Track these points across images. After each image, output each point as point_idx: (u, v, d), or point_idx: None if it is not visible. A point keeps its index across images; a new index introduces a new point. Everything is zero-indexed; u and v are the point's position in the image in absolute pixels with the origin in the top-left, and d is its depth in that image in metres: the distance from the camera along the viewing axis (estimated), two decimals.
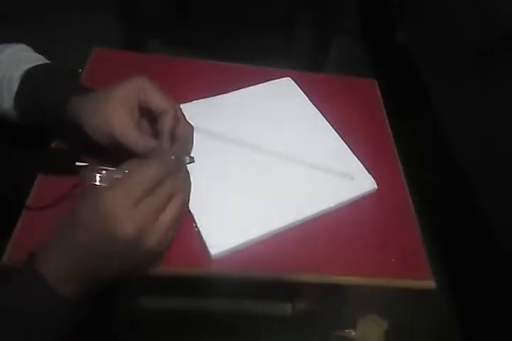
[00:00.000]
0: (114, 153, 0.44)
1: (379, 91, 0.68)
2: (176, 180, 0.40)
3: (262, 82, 0.64)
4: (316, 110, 0.61)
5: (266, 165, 0.53)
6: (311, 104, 0.61)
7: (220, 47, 0.71)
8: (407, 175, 0.58)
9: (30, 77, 0.48)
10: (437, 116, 1.11)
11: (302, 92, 0.63)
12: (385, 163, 0.58)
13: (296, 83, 0.64)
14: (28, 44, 0.55)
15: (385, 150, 0.60)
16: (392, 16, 1.40)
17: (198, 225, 0.47)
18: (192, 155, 0.51)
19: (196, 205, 0.48)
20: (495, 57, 0.97)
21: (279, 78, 0.65)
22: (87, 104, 0.45)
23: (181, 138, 0.46)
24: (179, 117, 0.47)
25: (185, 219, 0.47)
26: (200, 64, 0.66)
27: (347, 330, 0.79)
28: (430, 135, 1.14)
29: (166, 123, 0.45)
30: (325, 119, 0.60)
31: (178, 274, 0.45)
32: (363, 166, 0.55)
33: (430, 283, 0.48)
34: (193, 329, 0.68)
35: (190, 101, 0.59)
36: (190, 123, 0.48)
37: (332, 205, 0.51)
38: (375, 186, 0.53)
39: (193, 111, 0.57)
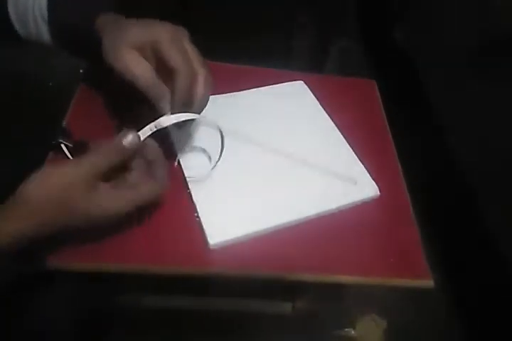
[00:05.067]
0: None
1: (378, 92, 0.69)
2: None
3: (270, 84, 0.64)
4: (326, 114, 0.61)
5: (272, 163, 0.54)
6: (321, 107, 0.62)
7: (219, 47, 0.71)
8: (406, 175, 0.58)
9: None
10: (437, 117, 1.11)
11: (313, 96, 0.63)
12: (385, 164, 0.59)
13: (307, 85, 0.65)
14: (27, 46, 0.55)
15: (385, 152, 0.61)
16: (391, 17, 1.40)
17: (200, 215, 0.47)
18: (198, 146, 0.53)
19: (200, 195, 0.49)
20: (495, 57, 0.97)
21: (278, 79, 0.65)
22: (109, 29, 0.45)
23: (194, 105, 0.46)
24: (195, 80, 0.45)
25: (186, 209, 0.48)
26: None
27: (346, 329, 0.79)
28: (430, 136, 1.14)
29: (177, 85, 0.44)
30: (333, 123, 0.60)
31: (176, 272, 0.45)
32: (366, 171, 0.55)
33: (429, 282, 0.48)
34: (191, 329, 0.68)
35: None
36: (207, 88, 0.46)
37: (333, 207, 0.51)
38: (378, 192, 0.54)
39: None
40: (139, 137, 0.43)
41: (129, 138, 0.42)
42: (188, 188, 0.50)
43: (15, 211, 0.38)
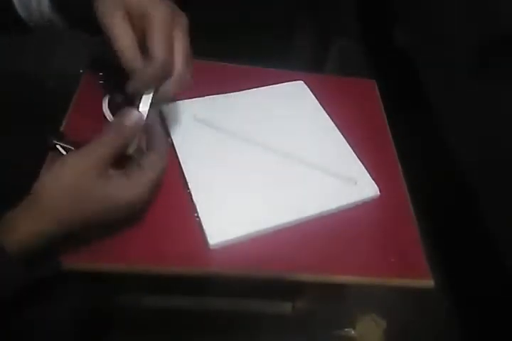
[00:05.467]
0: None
1: (378, 92, 0.69)
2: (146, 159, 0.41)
3: (270, 84, 0.64)
4: (326, 114, 0.61)
5: (272, 163, 0.54)
6: (321, 107, 0.62)
7: (219, 47, 0.71)
8: (406, 175, 0.58)
9: None
10: (437, 117, 1.11)
11: (313, 96, 0.63)
12: (385, 164, 0.58)
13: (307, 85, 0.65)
14: (27, 46, 0.55)
15: (385, 152, 0.61)
16: (391, 17, 1.40)
17: (200, 215, 0.47)
18: (199, 146, 0.53)
19: (200, 195, 0.49)
20: (495, 57, 0.97)
21: (278, 79, 0.65)
22: None
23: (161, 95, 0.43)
24: (169, 74, 0.42)
25: (186, 209, 0.48)
26: (209, 65, 0.66)
27: (346, 329, 0.79)
28: (430, 136, 1.14)
29: (150, 73, 0.41)
30: (334, 123, 0.60)
31: (176, 272, 0.45)
32: (366, 172, 0.55)
33: (429, 282, 0.48)
34: (191, 328, 0.68)
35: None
36: (178, 85, 0.44)
37: (333, 207, 0.51)
38: (378, 193, 0.53)
39: (205, 106, 0.58)
40: (141, 115, 0.42)
41: (132, 117, 0.41)
42: (188, 188, 0.50)
43: (30, 210, 0.37)
